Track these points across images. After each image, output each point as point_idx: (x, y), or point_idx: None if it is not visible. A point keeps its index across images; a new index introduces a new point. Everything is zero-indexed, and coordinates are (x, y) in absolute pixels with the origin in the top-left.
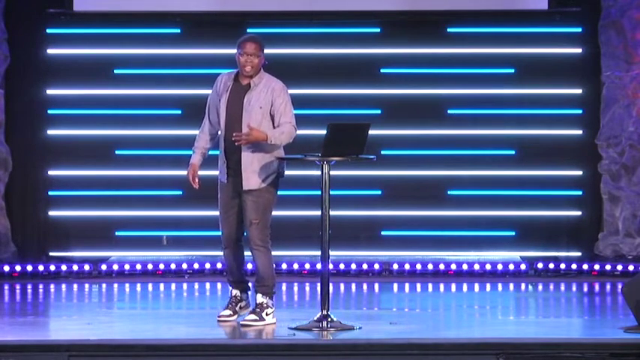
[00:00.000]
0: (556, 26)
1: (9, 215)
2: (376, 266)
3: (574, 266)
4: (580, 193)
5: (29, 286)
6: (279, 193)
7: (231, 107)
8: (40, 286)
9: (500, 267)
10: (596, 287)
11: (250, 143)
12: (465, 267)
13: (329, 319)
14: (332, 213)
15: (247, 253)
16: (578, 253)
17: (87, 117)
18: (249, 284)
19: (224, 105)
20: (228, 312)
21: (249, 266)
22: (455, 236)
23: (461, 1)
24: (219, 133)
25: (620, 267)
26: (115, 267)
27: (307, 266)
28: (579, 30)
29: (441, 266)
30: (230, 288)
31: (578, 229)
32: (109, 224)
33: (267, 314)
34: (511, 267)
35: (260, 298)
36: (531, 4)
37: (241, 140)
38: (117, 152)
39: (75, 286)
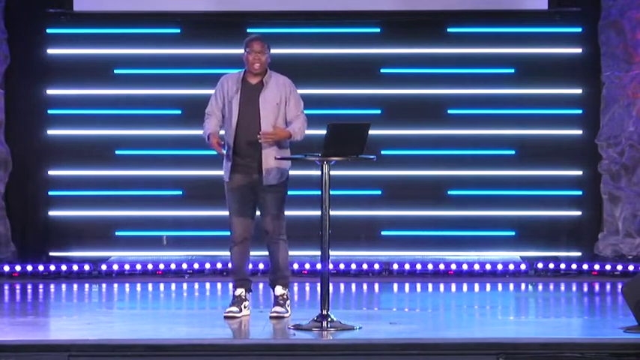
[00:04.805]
0: (556, 26)
1: (9, 215)
2: (376, 266)
3: (574, 266)
4: (580, 193)
5: (29, 286)
6: None
7: (245, 107)
8: (40, 286)
9: (500, 267)
10: (596, 287)
11: (274, 141)
12: (465, 267)
13: (329, 319)
14: (332, 213)
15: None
16: (578, 253)
17: (87, 117)
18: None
19: (236, 106)
20: (235, 308)
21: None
22: (455, 236)
23: (461, 1)
24: (228, 133)
25: (620, 267)
26: (115, 267)
27: (307, 266)
28: (579, 30)
29: (441, 266)
30: (234, 288)
31: (578, 229)
32: (109, 224)
33: (288, 305)
34: (511, 267)
35: (280, 290)
36: (531, 4)
37: (267, 139)
38: (117, 152)
39: (75, 286)
